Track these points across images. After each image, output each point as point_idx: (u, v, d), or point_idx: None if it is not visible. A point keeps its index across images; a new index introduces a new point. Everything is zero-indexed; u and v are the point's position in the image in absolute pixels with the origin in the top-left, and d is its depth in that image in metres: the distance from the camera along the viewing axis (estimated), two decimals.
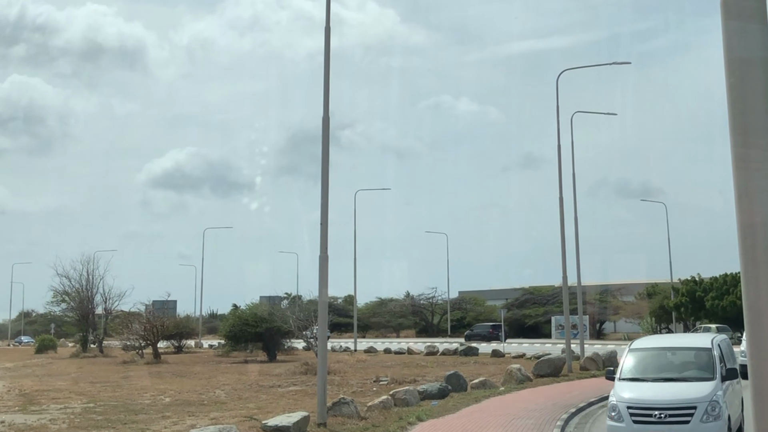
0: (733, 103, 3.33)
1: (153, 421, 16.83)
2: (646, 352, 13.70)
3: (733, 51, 3.33)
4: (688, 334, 19.77)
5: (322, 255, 14.94)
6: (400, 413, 16.46)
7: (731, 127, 3.31)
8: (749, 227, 3.24)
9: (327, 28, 15.44)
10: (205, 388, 25.03)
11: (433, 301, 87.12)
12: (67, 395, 23.13)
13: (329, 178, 15.31)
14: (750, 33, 3.30)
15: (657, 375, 12.92)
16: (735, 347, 20.38)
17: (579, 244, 34.40)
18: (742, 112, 3.31)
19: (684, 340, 15.32)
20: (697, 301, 56.16)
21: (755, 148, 3.26)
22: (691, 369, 12.98)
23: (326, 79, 15.40)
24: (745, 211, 3.24)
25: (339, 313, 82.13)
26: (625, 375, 13.01)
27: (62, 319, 64.19)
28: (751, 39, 3.30)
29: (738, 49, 3.33)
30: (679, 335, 18.31)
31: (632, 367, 13.15)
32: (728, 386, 12.71)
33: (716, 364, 12.64)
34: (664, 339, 15.86)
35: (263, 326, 39.93)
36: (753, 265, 3.21)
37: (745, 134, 3.31)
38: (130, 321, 47.97)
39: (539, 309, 75.16)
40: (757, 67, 3.30)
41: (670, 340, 15.51)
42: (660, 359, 13.53)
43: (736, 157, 3.31)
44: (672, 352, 13.80)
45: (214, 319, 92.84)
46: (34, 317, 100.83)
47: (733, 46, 3.32)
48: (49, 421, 17.14)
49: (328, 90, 15.39)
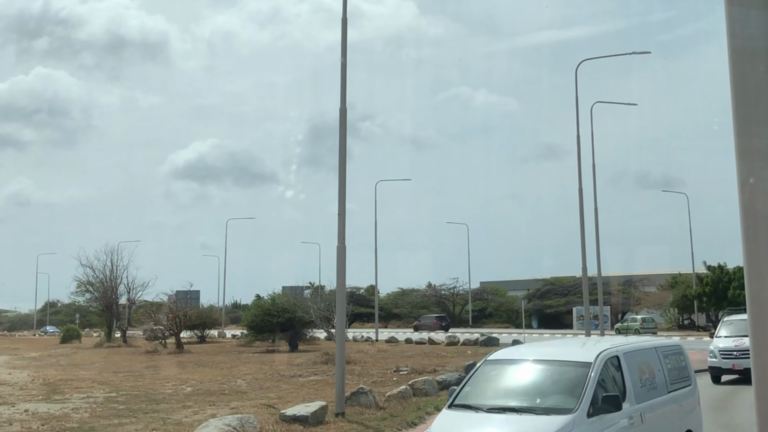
0: (736, 92, 3.29)
1: (174, 411, 16.97)
2: (500, 367, 9.79)
3: (737, 38, 3.29)
4: (583, 340, 13.09)
5: (339, 245, 14.99)
6: (419, 403, 16.50)
7: (734, 115, 3.28)
8: (752, 218, 3.20)
9: (344, 20, 15.44)
10: (227, 377, 25.19)
11: (454, 291, 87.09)
12: (90, 385, 23.38)
13: (347, 169, 15.35)
14: (754, 20, 3.26)
15: (497, 402, 9.02)
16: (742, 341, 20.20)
17: (599, 235, 34.26)
18: (746, 101, 3.28)
19: (562, 351, 10.40)
20: (720, 291, 55.67)
21: (759, 137, 3.22)
22: (551, 395, 9.01)
23: (343, 70, 15.42)
24: (747, 201, 3.21)
25: (361, 303, 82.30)
26: (460, 400, 9.22)
27: (87, 309, 64.83)
28: (755, 26, 3.26)
29: (741, 37, 3.29)
30: (567, 342, 14.09)
31: (472, 390, 9.36)
32: (600, 423, 8.59)
33: (587, 390, 8.66)
34: (537, 349, 11.03)
35: (285, 316, 40.11)
36: (756, 257, 3.18)
37: (749, 123, 3.27)
38: (153, 311, 48.35)
39: (560, 299, 74.99)
40: (761, 55, 3.26)
41: (546, 350, 10.73)
42: (515, 378, 9.61)
43: (739, 146, 3.27)
44: (537, 368, 9.63)
45: (237, 309, 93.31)
46: (59, 307, 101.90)
47: (736, 34, 3.28)
48: (71, 410, 17.33)
49: (345, 81, 15.41)
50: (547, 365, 9.59)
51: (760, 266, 3.08)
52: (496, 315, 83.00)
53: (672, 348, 11.22)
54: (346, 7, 15.57)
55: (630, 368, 9.51)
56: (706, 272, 59.32)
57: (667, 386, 10.16)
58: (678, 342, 11.95)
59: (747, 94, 3.20)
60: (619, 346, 9.85)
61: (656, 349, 10.53)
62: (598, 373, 8.90)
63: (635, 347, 10.19)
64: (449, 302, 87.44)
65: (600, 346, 9.80)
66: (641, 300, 71.44)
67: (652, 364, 10.12)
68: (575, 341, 12.46)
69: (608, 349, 9.48)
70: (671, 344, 11.61)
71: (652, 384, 9.81)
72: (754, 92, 3.17)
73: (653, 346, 10.68)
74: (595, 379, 8.81)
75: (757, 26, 3.19)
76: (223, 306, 76.46)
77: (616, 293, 69.11)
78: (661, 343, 11.24)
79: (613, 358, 9.39)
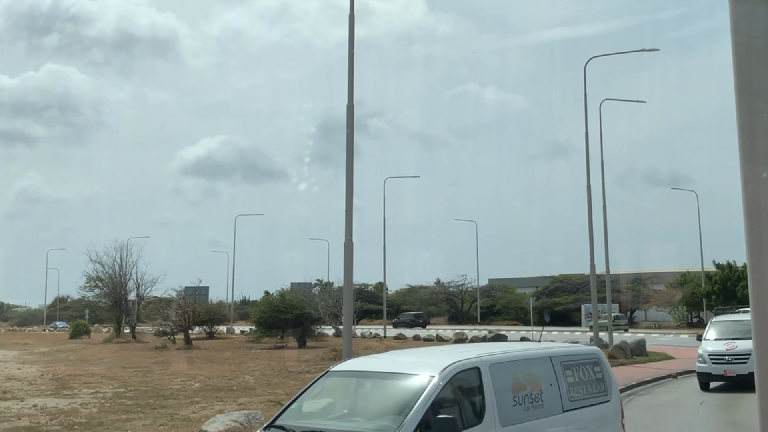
0: (739, 89, 3.27)
1: (182, 406, 17.02)
2: (340, 380, 8.54)
3: (740, 35, 3.27)
4: (448, 348, 10.76)
5: (347, 242, 15.00)
6: None
7: (738, 113, 3.26)
8: (755, 216, 3.19)
9: (351, 16, 15.45)
10: (235, 373, 25.25)
11: (463, 288, 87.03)
12: (99, 380, 23.49)
13: (354, 165, 15.36)
14: (758, 17, 3.24)
15: (313, 424, 7.60)
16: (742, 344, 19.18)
17: (608, 233, 34.18)
18: (749, 98, 3.26)
19: (408, 363, 8.66)
20: (728, 289, 55.50)
21: (762, 134, 3.20)
22: (377, 417, 7.54)
23: (350, 66, 15.42)
24: (751, 199, 3.19)
25: (370, 300, 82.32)
26: (280, 420, 7.91)
27: (96, 305, 65.11)
28: (759, 23, 3.24)
29: (745, 34, 3.27)
30: (425, 351, 10.91)
31: (297, 407, 8.12)
32: None
33: (413, 411, 7.09)
34: (386, 360, 9.32)
35: (294, 313, 40.18)
36: (759, 255, 3.17)
37: (753, 121, 3.25)
38: (162, 307, 48.49)
39: (569, 297, 74.86)
40: (765, 53, 3.24)
41: (394, 361, 9.07)
42: (348, 395, 8.36)
43: (742, 144, 3.25)
44: (374, 383, 8.18)
45: (246, 306, 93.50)
46: (69, 303, 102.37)
47: (740, 31, 3.26)
48: (80, 405, 17.41)
49: (352, 77, 15.43)
50: (385, 380, 8.05)
51: (763, 264, 3.06)
52: (504, 312, 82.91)
53: (582, 357, 9.39)
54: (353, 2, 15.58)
55: (497, 383, 7.83)
56: (715, 270, 59.15)
57: (563, 404, 8.46)
58: (594, 349, 10.07)
59: (751, 91, 3.18)
60: (486, 356, 8.13)
61: (551, 358, 8.75)
62: (436, 390, 7.30)
63: (510, 357, 8.52)
64: (458, 299, 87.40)
65: (456, 355, 8.13)
66: (650, 298, 71.28)
67: (540, 376, 8.40)
68: (436, 350, 10.60)
69: (463, 361, 7.84)
70: (581, 352, 9.69)
71: (536, 402, 8.15)
72: (758, 90, 3.15)
73: (546, 354, 8.87)
74: (429, 397, 7.23)
75: (761, 23, 3.17)
76: (231, 302, 76.62)
77: (626, 291, 68.96)
78: (564, 351, 9.36)
79: (470, 371, 7.77)
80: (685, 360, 28.47)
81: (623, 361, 27.26)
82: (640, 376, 22.41)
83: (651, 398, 18.69)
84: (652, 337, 47.29)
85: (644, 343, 30.66)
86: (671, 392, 19.73)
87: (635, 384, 20.82)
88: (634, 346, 29.22)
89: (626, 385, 20.13)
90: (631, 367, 25.63)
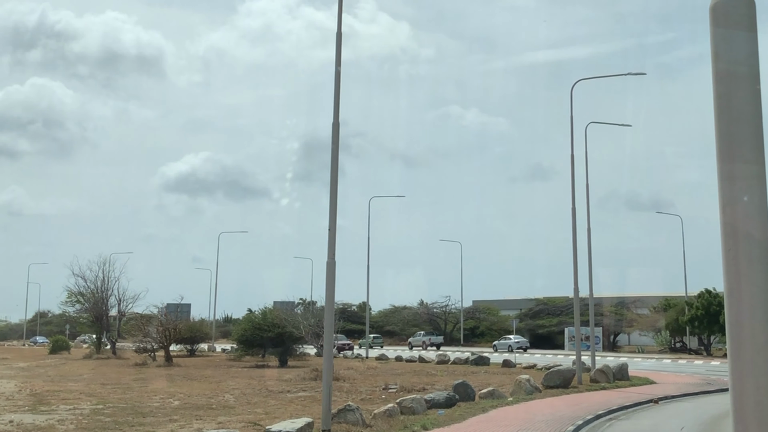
0: (719, 114, 3.28)
1: (160, 424, 16.83)
2: None
3: (721, 61, 3.28)
4: None
5: (329, 261, 14.92)
6: (406, 421, 16.37)
7: (717, 137, 3.26)
8: (732, 240, 3.19)
9: (339, 34, 15.45)
10: (215, 392, 25.03)
11: (446, 309, 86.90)
12: (77, 396, 23.21)
13: (338, 185, 15.30)
14: (738, 42, 3.25)
15: None
16: None
17: (591, 256, 34.16)
18: (728, 124, 3.27)
19: None
20: (712, 314, 55.64)
21: (740, 160, 3.21)
22: None
23: (337, 84, 15.41)
24: (728, 223, 3.19)
25: (352, 320, 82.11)
26: None
27: (77, 320, 64.55)
28: (739, 48, 3.25)
29: (726, 59, 3.28)
30: None
31: None
32: None
33: None
34: None
35: (275, 331, 39.96)
36: (736, 279, 3.16)
37: (731, 146, 3.26)
38: (143, 324, 48.14)
39: (552, 320, 74.89)
40: (744, 78, 3.25)
41: None
42: None
43: (721, 169, 3.25)
44: None
45: (228, 323, 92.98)
46: (49, 318, 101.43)
47: (720, 55, 3.27)
48: (57, 421, 17.18)
49: (338, 96, 15.40)
50: None
51: (740, 287, 3.06)
52: (488, 334, 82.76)
53: None
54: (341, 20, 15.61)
55: None
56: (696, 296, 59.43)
57: None
58: None
59: (730, 117, 3.19)
60: None
61: None
62: None
63: None
64: (441, 320, 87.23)
65: None
66: (633, 322, 71.35)
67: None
68: None
69: None
70: None
71: None
72: (737, 115, 3.16)
73: None
74: None
75: (741, 49, 3.18)
76: (213, 320, 76.17)
77: (609, 314, 69.00)
78: None
79: None
80: (667, 385, 28.49)
81: (605, 385, 27.21)
82: (621, 401, 22.36)
83: (631, 423, 18.64)
84: (635, 361, 47.30)
85: (626, 368, 30.65)
86: (651, 417, 19.68)
87: (616, 408, 20.77)
88: (616, 370, 29.18)
89: (607, 410, 20.07)
90: (612, 391, 25.58)
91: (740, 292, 3.15)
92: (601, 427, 17.84)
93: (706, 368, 41.25)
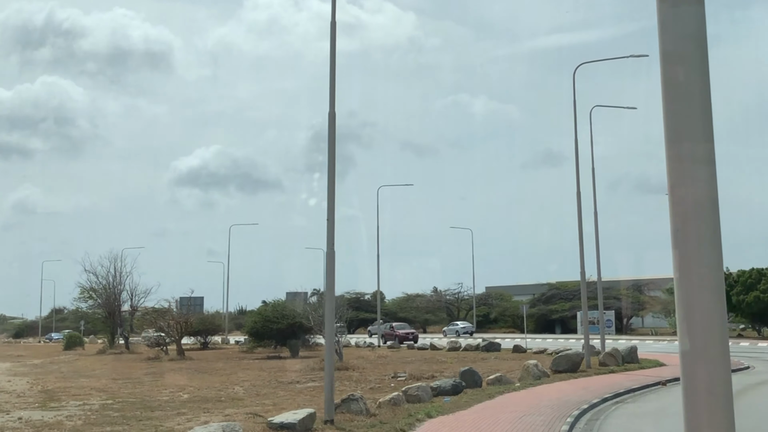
0: (666, 94, 3.22)
1: (168, 418, 16.90)
2: None
3: (668, 39, 3.22)
4: None
5: (328, 251, 14.92)
6: (411, 410, 16.38)
7: (665, 116, 3.21)
8: (681, 221, 3.14)
9: (333, 23, 15.42)
10: (225, 384, 25.13)
11: (459, 296, 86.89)
12: (88, 392, 23.35)
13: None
14: (685, 18, 3.19)
15: None
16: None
17: (599, 239, 34.16)
18: (676, 101, 3.21)
19: None
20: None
21: (689, 140, 3.16)
22: None
23: (332, 74, 15.41)
24: (677, 203, 3.14)
25: (366, 309, 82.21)
26: None
27: (92, 316, 64.89)
28: (686, 25, 3.19)
29: (672, 37, 3.22)
30: None
31: None
32: None
33: None
34: None
35: (285, 323, 40.05)
36: (685, 260, 3.12)
37: (679, 124, 3.21)
38: (154, 318, 48.36)
39: (565, 304, 74.71)
40: (693, 53, 3.19)
41: None
42: None
43: (669, 147, 3.20)
44: None
45: (243, 315, 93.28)
46: (65, 314, 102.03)
47: (667, 32, 3.21)
48: (65, 417, 17.28)
49: (334, 85, 15.41)
50: None
51: (690, 269, 3.01)
52: (501, 320, 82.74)
53: None
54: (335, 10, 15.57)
55: None
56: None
57: None
58: None
59: (677, 95, 3.13)
60: None
61: None
62: None
63: None
64: (454, 307, 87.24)
65: None
66: (646, 304, 71.15)
67: None
68: None
69: None
70: None
71: None
72: (685, 94, 3.10)
73: None
74: None
75: (688, 25, 3.11)
76: (225, 312, 76.42)
77: (623, 297, 68.82)
78: None
79: None
80: (676, 367, 28.26)
81: (614, 368, 27.16)
82: (629, 384, 22.31)
83: (637, 406, 18.60)
84: (647, 344, 47.20)
85: (636, 350, 30.57)
86: (659, 400, 19.63)
87: (623, 392, 20.73)
88: (625, 354, 29.10)
89: (614, 393, 20.06)
90: (621, 375, 25.53)
91: (690, 273, 3.11)
92: (608, 410, 17.81)
93: None
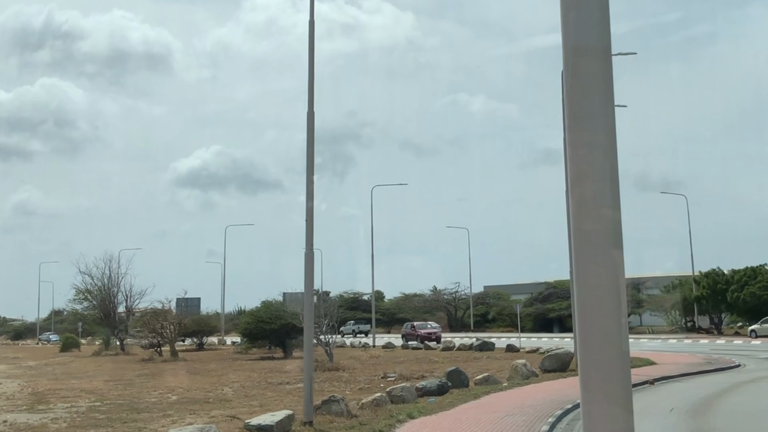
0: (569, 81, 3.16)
1: (153, 420, 16.88)
2: None
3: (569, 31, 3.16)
4: None
5: (307, 251, 14.87)
6: (393, 410, 16.32)
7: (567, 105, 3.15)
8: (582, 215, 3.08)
9: (311, 22, 15.39)
10: (215, 385, 25.10)
11: (456, 296, 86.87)
12: (78, 394, 23.32)
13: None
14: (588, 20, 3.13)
15: None
16: None
17: None
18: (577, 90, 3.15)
19: None
20: (718, 293, 55.55)
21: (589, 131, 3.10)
22: None
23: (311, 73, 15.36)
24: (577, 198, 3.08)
25: (365, 309, 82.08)
26: None
27: (89, 317, 64.87)
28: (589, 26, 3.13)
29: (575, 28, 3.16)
30: None
31: None
32: None
33: None
34: None
35: (278, 323, 40.03)
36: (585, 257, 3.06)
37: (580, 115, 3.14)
38: (150, 320, 48.34)
39: (563, 303, 74.60)
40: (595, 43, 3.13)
41: None
42: None
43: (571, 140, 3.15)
44: None
45: (240, 316, 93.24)
46: (64, 316, 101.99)
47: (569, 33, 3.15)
48: (51, 420, 17.27)
49: (312, 84, 15.37)
50: None
51: (588, 266, 2.96)
52: (498, 319, 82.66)
53: None
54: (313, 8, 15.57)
55: None
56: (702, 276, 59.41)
57: None
58: None
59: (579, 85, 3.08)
60: None
61: None
62: None
63: None
64: (451, 306, 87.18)
65: None
66: (643, 302, 71.06)
67: None
68: None
69: None
70: None
71: None
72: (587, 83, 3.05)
73: None
74: None
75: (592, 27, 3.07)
76: (222, 313, 76.39)
77: None
78: None
79: None
80: (667, 366, 28.33)
81: None
82: None
83: None
84: (640, 342, 47.14)
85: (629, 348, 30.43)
86: (644, 399, 19.56)
87: None
88: None
89: None
90: None
91: (588, 271, 3.05)
92: None
93: (711, 347, 41.05)
